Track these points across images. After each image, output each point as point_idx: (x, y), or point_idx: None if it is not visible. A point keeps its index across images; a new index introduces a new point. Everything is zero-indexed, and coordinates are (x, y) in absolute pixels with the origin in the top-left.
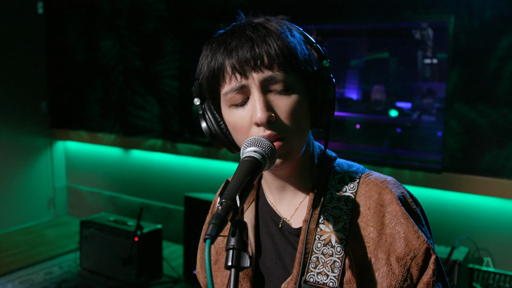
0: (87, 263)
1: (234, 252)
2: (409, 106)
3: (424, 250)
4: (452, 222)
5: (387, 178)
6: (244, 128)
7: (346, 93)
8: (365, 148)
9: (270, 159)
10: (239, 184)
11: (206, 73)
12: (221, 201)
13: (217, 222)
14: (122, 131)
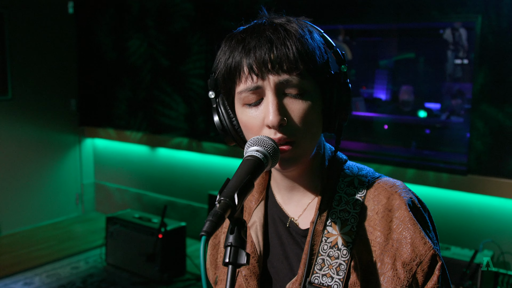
0: (113, 258)
1: (231, 249)
2: (438, 107)
3: (430, 256)
4: (476, 225)
5: (396, 183)
6: (256, 129)
7: (375, 93)
8: (392, 149)
9: (273, 159)
10: (238, 183)
11: (223, 69)
12: (220, 199)
13: (213, 219)
14: (149, 129)
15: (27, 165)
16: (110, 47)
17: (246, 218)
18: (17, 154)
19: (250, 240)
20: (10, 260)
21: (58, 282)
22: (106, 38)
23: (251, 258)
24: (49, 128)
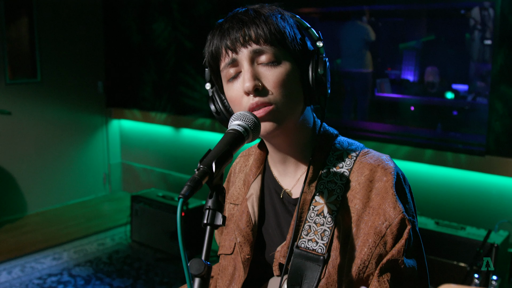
0: (137, 236)
1: (209, 212)
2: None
3: (400, 220)
4: (493, 205)
5: (381, 157)
6: (238, 99)
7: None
8: (412, 130)
9: (253, 132)
10: (217, 153)
11: (208, 57)
12: (199, 167)
13: (191, 184)
14: (173, 111)
15: (56, 146)
16: (135, 30)
17: (245, 191)
18: (46, 135)
19: (246, 211)
20: (40, 236)
21: (85, 257)
22: (131, 21)
23: (246, 226)
24: (77, 109)
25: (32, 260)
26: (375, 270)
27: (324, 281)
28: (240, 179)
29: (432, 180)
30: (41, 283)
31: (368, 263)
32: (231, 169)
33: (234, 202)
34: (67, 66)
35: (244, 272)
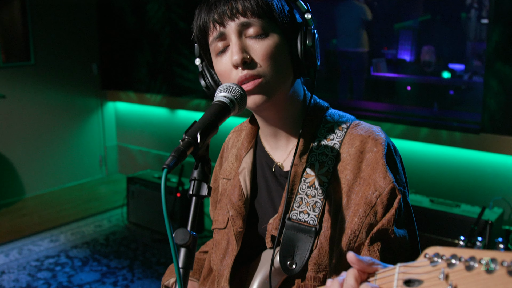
0: (134, 217)
1: (195, 183)
2: (462, 67)
3: (390, 190)
4: (488, 183)
5: (372, 128)
6: (227, 73)
7: (399, 54)
8: (408, 109)
9: (240, 103)
10: (202, 124)
11: (197, 32)
12: (184, 137)
13: (175, 154)
14: (168, 92)
15: (51, 129)
16: (129, 11)
17: (237, 165)
18: (41, 119)
19: (238, 185)
20: (37, 219)
21: (82, 239)
22: (125, 3)
23: (238, 200)
24: (72, 92)
25: (30, 242)
26: (366, 239)
27: (316, 252)
28: (232, 154)
29: (427, 158)
30: (38, 265)
31: (359, 233)
32: (224, 144)
33: (227, 177)
34: (61, 48)
35: (237, 245)
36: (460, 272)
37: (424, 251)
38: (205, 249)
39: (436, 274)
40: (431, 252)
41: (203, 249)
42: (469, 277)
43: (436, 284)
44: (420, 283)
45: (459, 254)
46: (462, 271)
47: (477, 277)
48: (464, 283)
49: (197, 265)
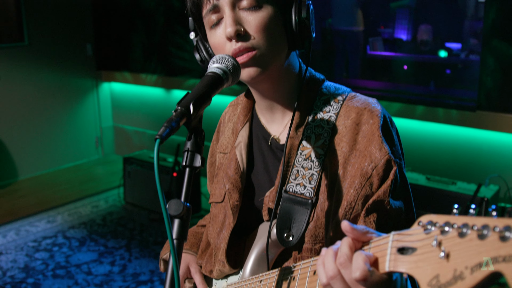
0: (131, 197)
1: (188, 154)
2: (459, 46)
3: (385, 161)
4: (484, 160)
5: (368, 100)
6: (221, 46)
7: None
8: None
9: (233, 75)
10: (195, 95)
11: (190, 5)
12: (176, 108)
13: (167, 125)
14: (164, 72)
15: (47, 111)
16: None
17: (233, 139)
18: (36, 100)
19: (235, 158)
20: (34, 200)
21: (79, 219)
22: None
23: (234, 174)
24: (67, 73)
25: (27, 223)
26: (362, 211)
27: (313, 224)
28: (229, 129)
29: (423, 136)
30: (36, 245)
31: (355, 204)
32: (221, 119)
33: (224, 151)
34: (55, 29)
35: (233, 219)
36: (452, 239)
37: (418, 219)
38: (203, 223)
39: (429, 242)
40: (425, 220)
41: (201, 223)
42: (462, 243)
43: (429, 251)
44: (414, 250)
45: (452, 221)
46: (455, 238)
47: (470, 243)
48: (457, 249)
49: (195, 239)
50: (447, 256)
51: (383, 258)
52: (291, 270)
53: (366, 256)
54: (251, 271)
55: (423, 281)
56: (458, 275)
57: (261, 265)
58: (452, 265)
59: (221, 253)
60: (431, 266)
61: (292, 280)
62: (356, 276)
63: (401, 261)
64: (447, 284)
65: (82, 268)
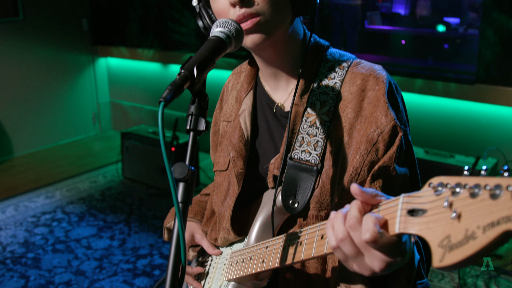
0: (129, 172)
1: (192, 118)
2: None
3: (391, 127)
4: (482, 133)
5: (373, 66)
6: (225, 12)
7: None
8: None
9: (236, 39)
10: (198, 58)
11: None
12: (180, 71)
13: (172, 88)
14: (161, 46)
15: (43, 87)
16: None
17: (237, 107)
18: (32, 76)
19: (239, 126)
20: (32, 176)
21: (78, 195)
22: None
23: (239, 141)
24: (62, 48)
25: (25, 199)
26: (367, 177)
27: (318, 190)
28: (232, 97)
29: (422, 110)
30: (35, 221)
31: (360, 170)
32: (224, 87)
33: (227, 119)
34: (50, 3)
35: (238, 186)
36: (464, 200)
37: (429, 181)
38: (207, 191)
39: (440, 203)
40: (436, 181)
41: (205, 192)
42: (474, 203)
43: (440, 212)
44: (424, 212)
45: (463, 182)
46: (467, 199)
47: (482, 203)
48: (468, 210)
49: (199, 207)
50: (459, 217)
51: (393, 220)
52: (297, 235)
53: (376, 218)
54: (256, 238)
55: (433, 242)
56: (470, 235)
57: (266, 232)
58: (464, 225)
59: (225, 221)
60: (442, 227)
61: (299, 245)
62: (366, 237)
63: (411, 223)
64: (458, 244)
65: (81, 243)
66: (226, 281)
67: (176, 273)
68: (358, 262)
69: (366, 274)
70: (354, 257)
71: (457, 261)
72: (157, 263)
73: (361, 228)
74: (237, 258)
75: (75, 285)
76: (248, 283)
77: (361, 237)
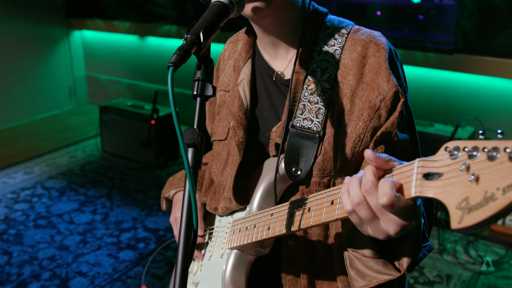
0: (108, 146)
1: (199, 83)
2: None
3: (393, 93)
4: (461, 102)
5: (373, 33)
6: None
7: None
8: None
9: (238, 5)
10: (204, 23)
11: None
12: (186, 37)
13: (180, 53)
14: (137, 18)
15: (17, 61)
16: None
17: (235, 76)
18: (5, 50)
19: (238, 95)
20: (9, 152)
21: (57, 170)
22: None
23: (238, 111)
24: (36, 21)
25: (3, 175)
26: (370, 143)
27: (321, 157)
28: (229, 66)
29: None
30: (14, 197)
31: (363, 136)
32: (220, 56)
33: (225, 88)
34: None
35: (239, 155)
36: (482, 163)
37: (444, 145)
38: (204, 161)
39: (457, 166)
40: (451, 145)
41: (202, 162)
42: (492, 166)
43: (456, 176)
44: (440, 176)
45: (481, 146)
46: (484, 161)
47: (501, 165)
48: (487, 172)
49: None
50: (477, 179)
51: (408, 184)
52: (304, 202)
53: (392, 182)
54: (258, 206)
55: (451, 204)
56: (489, 196)
57: (268, 200)
58: (483, 187)
59: (227, 190)
60: (460, 190)
61: (307, 211)
62: (383, 201)
63: (427, 187)
64: (477, 206)
65: (63, 218)
66: (229, 249)
67: (189, 238)
68: (373, 226)
69: (380, 237)
70: (370, 221)
71: (476, 222)
72: (141, 236)
73: (377, 192)
74: (240, 226)
75: (59, 259)
76: (251, 251)
77: (378, 201)
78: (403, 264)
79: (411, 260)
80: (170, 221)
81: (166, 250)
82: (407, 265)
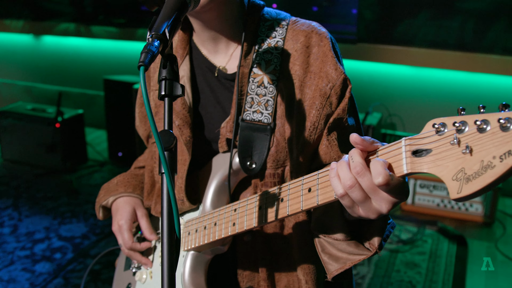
0: (9, 153)
1: (166, 83)
2: None
3: (342, 80)
4: (366, 90)
5: (312, 23)
6: None
7: None
8: None
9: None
10: (166, 19)
11: None
12: (151, 34)
13: (148, 51)
14: (31, 16)
15: None
16: None
17: None
18: None
19: None
20: None
21: None
22: None
23: (182, 109)
24: None
25: None
26: (324, 130)
27: (274, 149)
28: None
29: None
30: None
31: (318, 124)
32: None
33: None
34: None
35: (189, 154)
36: (472, 135)
37: (430, 121)
38: (140, 164)
39: (446, 141)
40: (438, 122)
41: (138, 165)
42: (484, 137)
43: (447, 149)
44: (429, 152)
45: (468, 120)
46: (475, 134)
47: (493, 136)
48: (479, 143)
49: (136, 181)
50: (471, 151)
51: (398, 163)
52: (275, 193)
53: (383, 162)
54: (212, 204)
55: (447, 177)
56: (486, 165)
57: (222, 197)
58: (478, 157)
59: (178, 191)
60: (453, 162)
61: (280, 201)
62: (379, 181)
63: (418, 163)
64: (475, 175)
65: None
66: (185, 251)
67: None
68: (365, 206)
69: (372, 217)
70: (362, 202)
71: (476, 190)
72: (57, 246)
73: (368, 173)
74: (196, 226)
75: None
76: (208, 250)
77: (372, 181)
78: (374, 243)
79: (381, 239)
80: (113, 230)
81: (85, 258)
82: (378, 244)
